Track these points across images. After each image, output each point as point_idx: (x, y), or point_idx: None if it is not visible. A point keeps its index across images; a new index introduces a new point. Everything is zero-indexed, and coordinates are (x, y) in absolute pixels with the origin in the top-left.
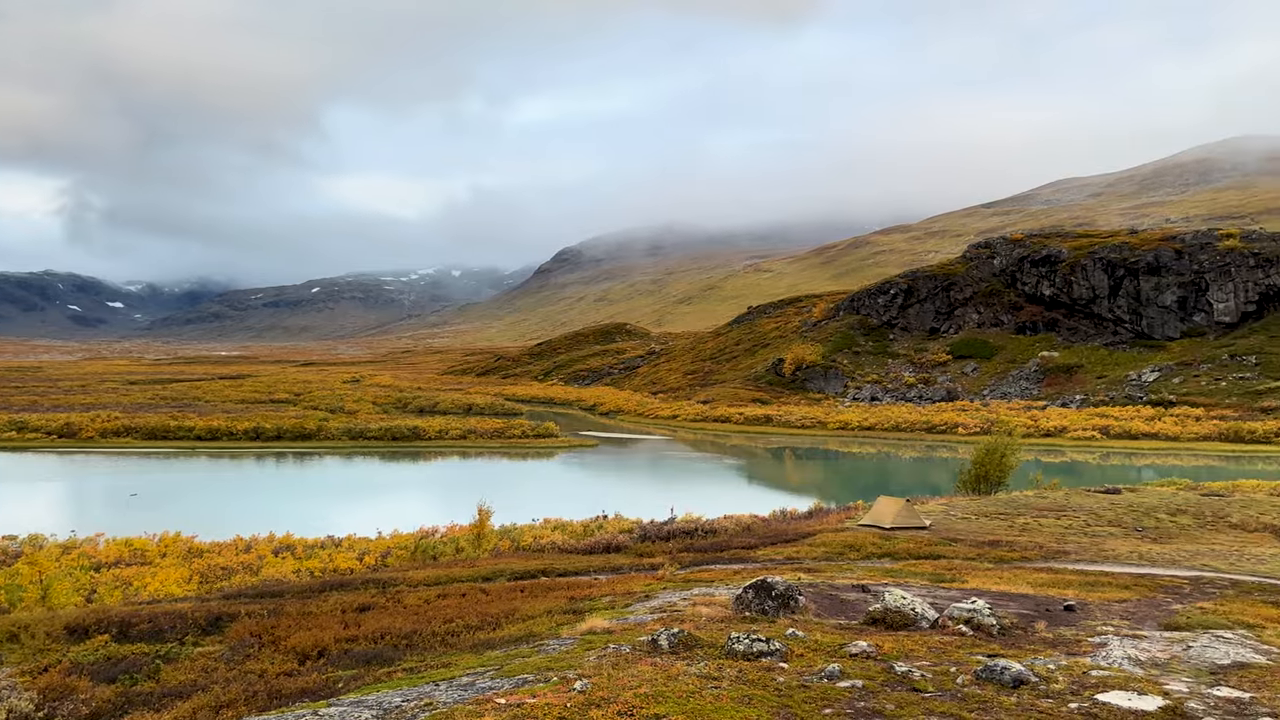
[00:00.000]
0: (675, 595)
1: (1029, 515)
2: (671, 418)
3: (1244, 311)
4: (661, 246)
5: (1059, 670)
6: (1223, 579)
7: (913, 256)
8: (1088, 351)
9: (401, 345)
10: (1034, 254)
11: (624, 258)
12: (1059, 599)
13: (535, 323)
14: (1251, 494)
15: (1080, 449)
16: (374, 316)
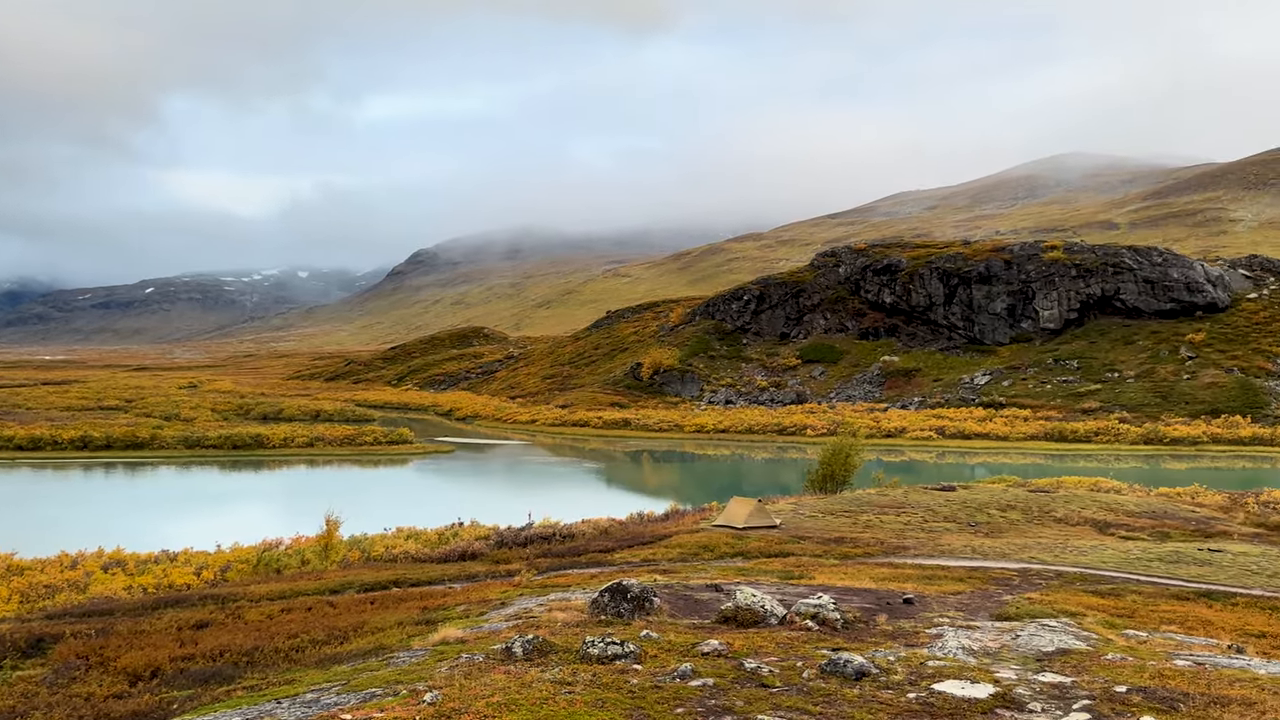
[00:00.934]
0: (532, 601)
1: (871, 512)
2: (530, 422)
3: (1067, 319)
4: (520, 250)
5: (898, 662)
6: (1048, 570)
7: (765, 264)
8: (925, 356)
9: (244, 349)
10: (876, 263)
11: (481, 260)
12: (899, 592)
13: (388, 326)
14: (1074, 490)
15: (919, 448)
16: (213, 319)
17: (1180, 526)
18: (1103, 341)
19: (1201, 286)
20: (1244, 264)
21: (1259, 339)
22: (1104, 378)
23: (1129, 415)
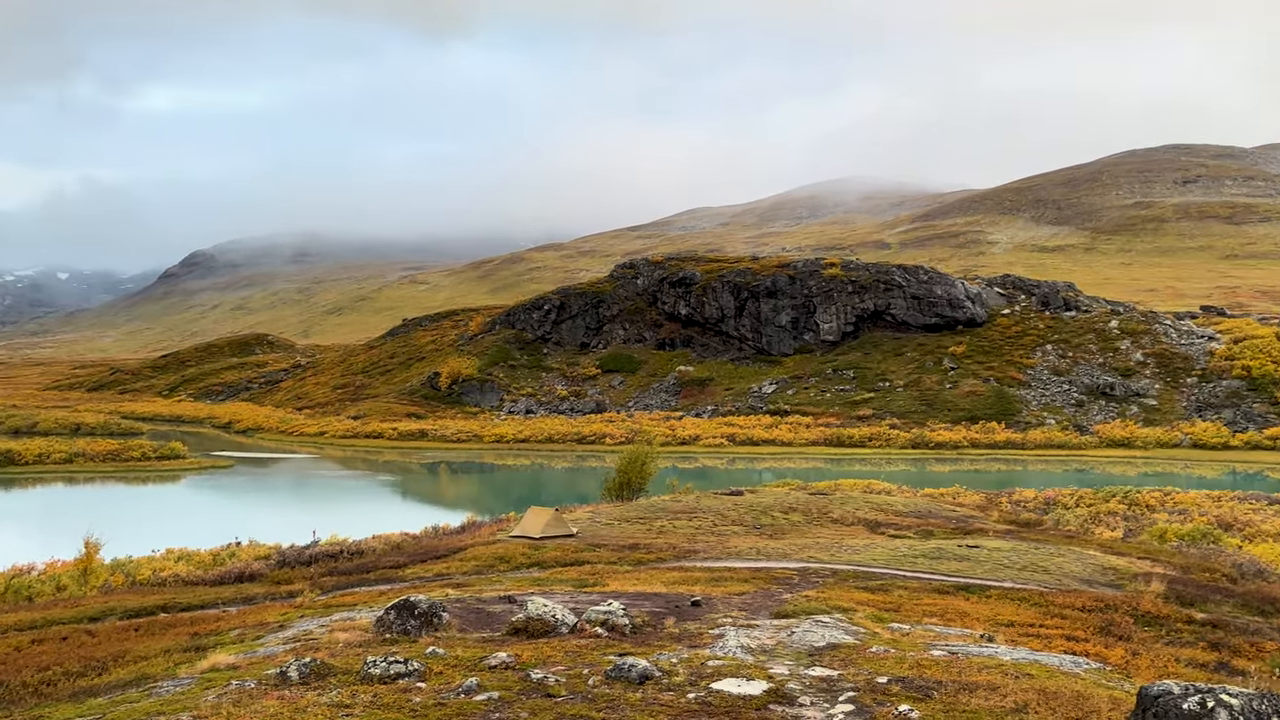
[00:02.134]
0: (313, 623)
1: (665, 518)
2: (319, 435)
3: (844, 331)
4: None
5: (681, 664)
6: (825, 569)
7: (565, 274)
8: (718, 366)
9: None
10: (672, 275)
11: (266, 263)
12: (688, 595)
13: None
14: (849, 492)
15: (711, 455)
16: None
17: (943, 525)
18: (876, 353)
19: (962, 303)
20: (999, 282)
21: (1011, 351)
22: (877, 387)
23: (899, 422)
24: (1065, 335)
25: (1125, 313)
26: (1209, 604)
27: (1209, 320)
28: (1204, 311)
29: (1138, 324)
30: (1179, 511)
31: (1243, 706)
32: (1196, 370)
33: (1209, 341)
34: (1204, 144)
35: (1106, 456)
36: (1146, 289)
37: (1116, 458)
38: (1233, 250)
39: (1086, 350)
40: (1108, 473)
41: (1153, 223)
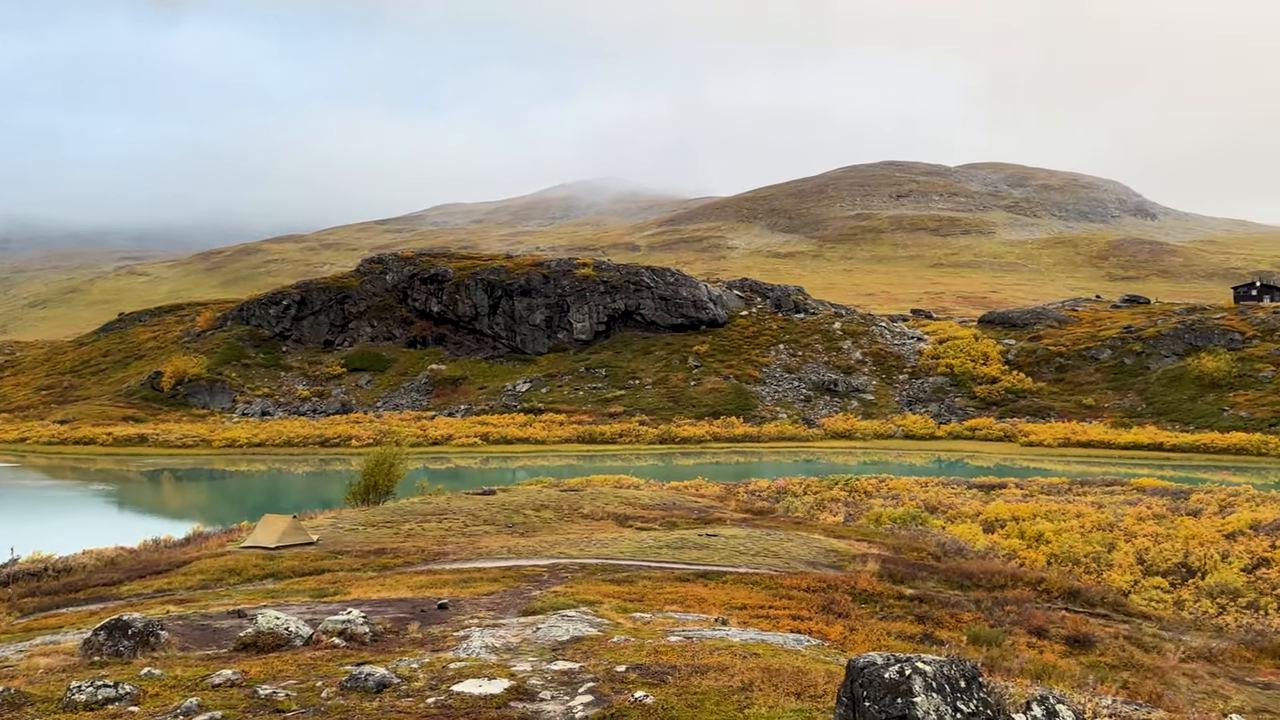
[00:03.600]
0: (9, 649)
1: (414, 521)
2: (19, 441)
3: (596, 330)
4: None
5: (421, 668)
6: (574, 564)
7: (307, 267)
8: (471, 364)
9: None
10: (423, 272)
11: None
12: (435, 599)
13: None
14: (600, 488)
15: (464, 455)
16: None
17: (686, 516)
18: (626, 352)
19: (705, 304)
20: (738, 285)
21: (749, 350)
22: (627, 384)
23: (648, 418)
24: (795, 335)
25: (847, 315)
26: (917, 581)
27: (918, 323)
28: (914, 315)
29: (858, 326)
30: (892, 497)
31: (935, 673)
32: (908, 368)
33: (918, 342)
34: (915, 162)
35: (831, 447)
36: (866, 293)
37: (840, 448)
38: (939, 259)
39: (814, 349)
40: (832, 462)
41: (871, 233)
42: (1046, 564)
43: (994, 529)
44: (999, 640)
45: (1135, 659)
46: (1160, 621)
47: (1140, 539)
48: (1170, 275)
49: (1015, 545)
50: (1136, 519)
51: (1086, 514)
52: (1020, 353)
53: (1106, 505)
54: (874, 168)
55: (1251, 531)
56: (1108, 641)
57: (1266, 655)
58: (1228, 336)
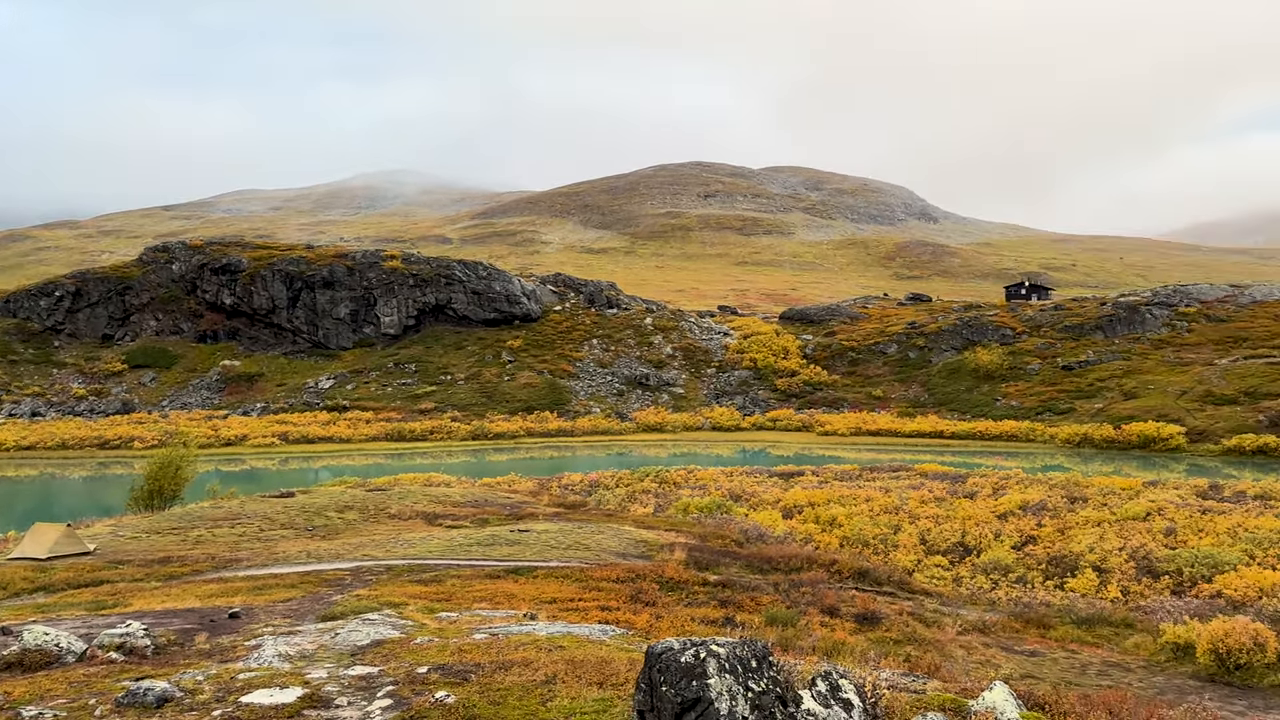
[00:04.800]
0: None
1: (204, 527)
2: None
3: (406, 325)
4: None
5: (207, 680)
6: (380, 566)
7: (84, 256)
8: (269, 360)
9: None
10: (215, 262)
11: None
12: (226, 608)
13: None
14: (409, 486)
15: (261, 456)
16: None
17: (498, 512)
18: (437, 347)
19: (519, 299)
20: (552, 281)
21: (563, 345)
22: (439, 380)
23: (460, 414)
24: (609, 331)
25: (658, 311)
26: (721, 567)
27: (724, 318)
28: (720, 311)
29: (668, 321)
30: (700, 487)
31: (728, 654)
32: (715, 362)
33: (724, 337)
34: (721, 163)
35: (643, 440)
36: (676, 290)
37: (651, 441)
38: (744, 258)
39: (626, 344)
40: (644, 455)
41: (681, 231)
42: (839, 546)
43: (792, 515)
44: (794, 620)
45: (917, 633)
46: (940, 598)
47: (923, 521)
48: (950, 275)
49: (811, 530)
50: (920, 502)
51: (875, 498)
52: (817, 347)
53: (893, 490)
54: (683, 167)
55: (1021, 511)
56: (893, 618)
57: (1032, 625)
58: (1000, 332)
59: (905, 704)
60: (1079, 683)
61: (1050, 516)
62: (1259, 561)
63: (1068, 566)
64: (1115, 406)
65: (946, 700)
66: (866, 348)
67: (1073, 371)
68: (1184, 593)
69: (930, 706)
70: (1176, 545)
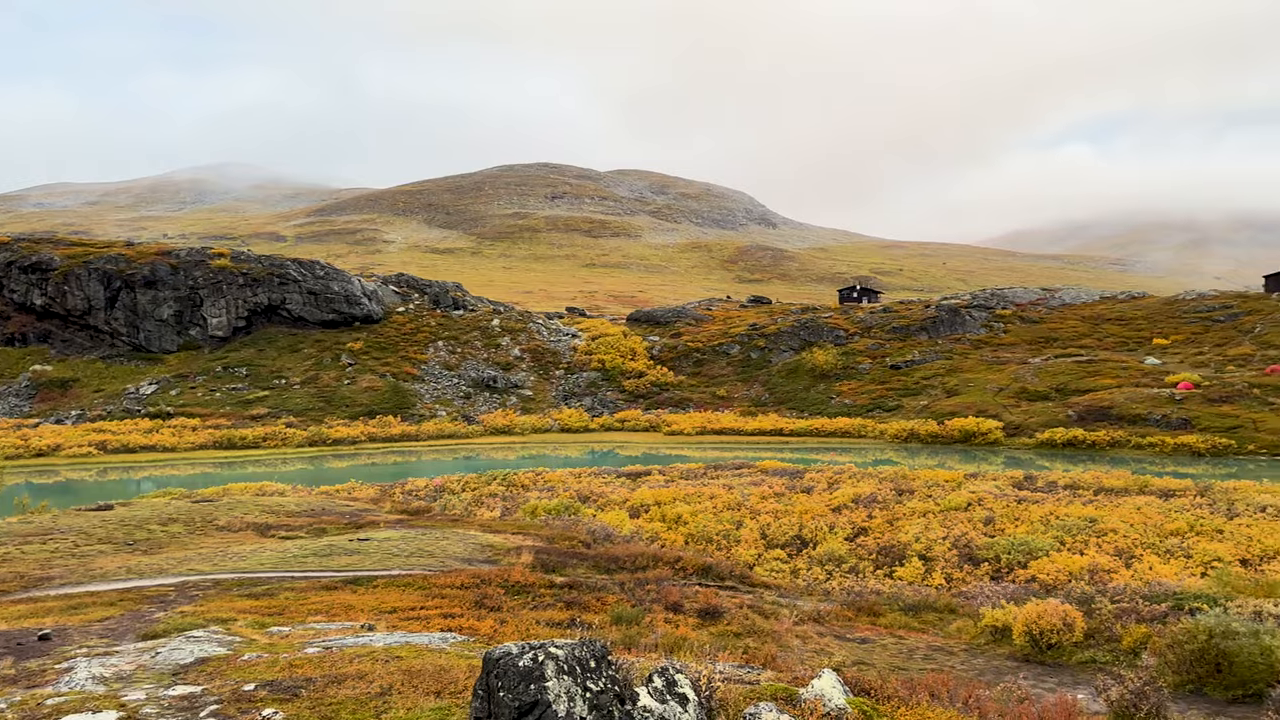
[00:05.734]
0: None
1: (12, 544)
2: None
3: (235, 326)
4: None
5: (11, 709)
6: (207, 580)
7: None
8: (85, 365)
9: None
10: (23, 259)
11: None
12: (36, 629)
13: None
14: (239, 496)
15: (77, 466)
16: None
17: (336, 521)
18: (271, 349)
19: (359, 300)
20: (394, 281)
21: (406, 347)
22: (273, 384)
23: (296, 420)
24: (455, 332)
25: (505, 312)
26: (568, 568)
27: (573, 320)
28: (569, 312)
29: (516, 323)
30: (548, 489)
31: (566, 656)
32: (563, 364)
33: (573, 339)
34: (569, 164)
35: (491, 443)
36: (524, 291)
37: (499, 444)
38: (592, 260)
39: (473, 346)
40: (492, 458)
41: (529, 232)
42: (684, 544)
43: (639, 514)
44: (639, 618)
45: (757, 625)
46: (779, 590)
47: (764, 516)
48: (789, 278)
49: (658, 528)
50: (760, 498)
51: (719, 495)
52: (664, 348)
53: (736, 486)
54: (530, 168)
55: (853, 504)
56: (734, 611)
57: (864, 613)
58: (834, 333)
59: (739, 695)
60: (905, 667)
61: (880, 508)
62: (1068, 547)
63: (896, 556)
64: (939, 403)
65: (779, 690)
66: (711, 349)
67: (900, 370)
68: (1002, 578)
69: (763, 696)
70: (995, 533)
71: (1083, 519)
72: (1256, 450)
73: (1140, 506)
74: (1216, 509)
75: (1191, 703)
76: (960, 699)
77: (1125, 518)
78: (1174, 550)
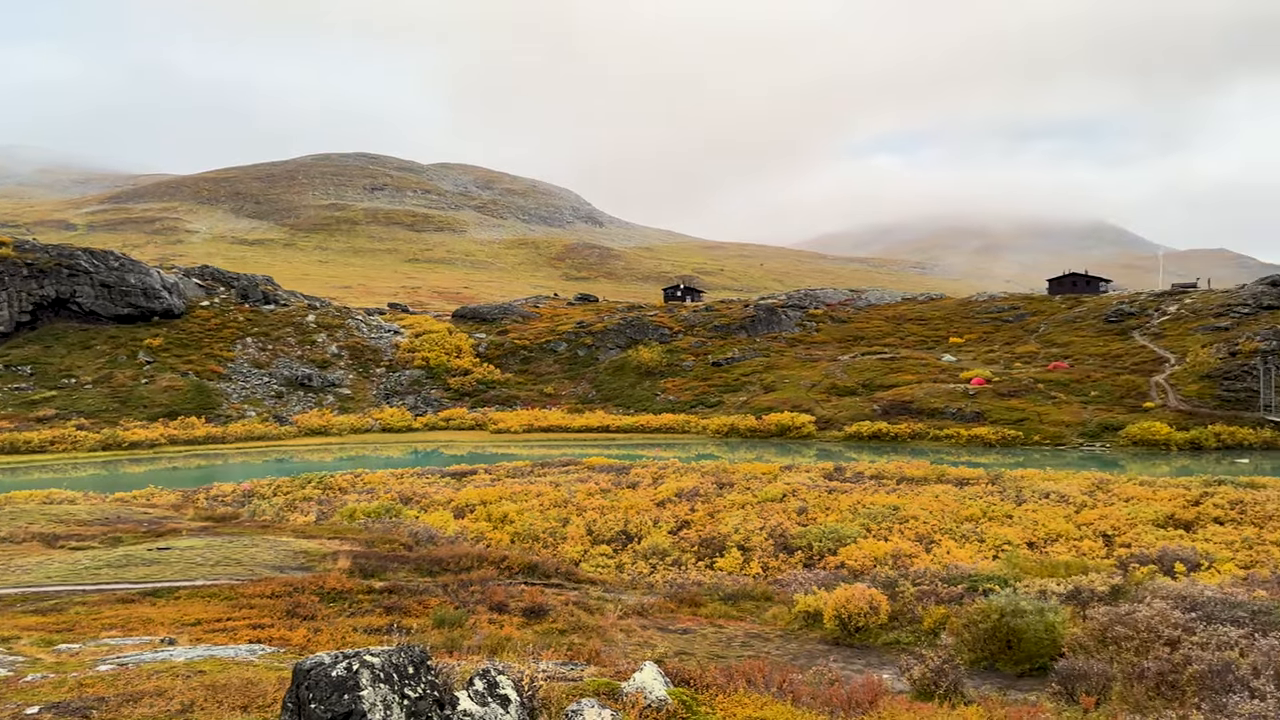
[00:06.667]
0: None
1: None
2: None
3: (19, 321)
4: None
5: None
6: None
7: None
8: None
9: None
10: None
11: None
12: None
13: None
14: (23, 505)
15: None
16: None
17: (133, 529)
18: (59, 346)
19: (159, 293)
20: (198, 273)
21: (212, 344)
22: (61, 384)
23: (88, 422)
24: (265, 328)
25: (322, 308)
26: (388, 573)
27: (395, 316)
28: (391, 308)
29: (334, 319)
30: (368, 491)
31: (383, 663)
32: (385, 361)
33: (395, 335)
34: (390, 156)
35: (306, 445)
36: (342, 286)
37: (316, 445)
38: (415, 254)
39: (286, 343)
40: (307, 460)
41: (347, 224)
42: (511, 543)
43: (464, 514)
44: (462, 620)
45: (582, 621)
46: (605, 585)
47: (590, 512)
48: (615, 277)
49: (484, 528)
50: (587, 494)
51: (546, 493)
52: (490, 346)
53: (563, 484)
54: (348, 158)
55: (677, 498)
56: (560, 609)
57: (686, 605)
58: (660, 331)
59: (562, 693)
60: (725, 655)
61: (702, 502)
62: (874, 534)
63: (717, 547)
64: (758, 399)
65: (601, 685)
66: (538, 346)
67: (721, 367)
68: (814, 565)
69: (586, 693)
70: (808, 523)
71: (887, 507)
72: (1041, 441)
73: (938, 494)
74: (1006, 496)
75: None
76: (775, 684)
77: (925, 505)
78: (969, 535)
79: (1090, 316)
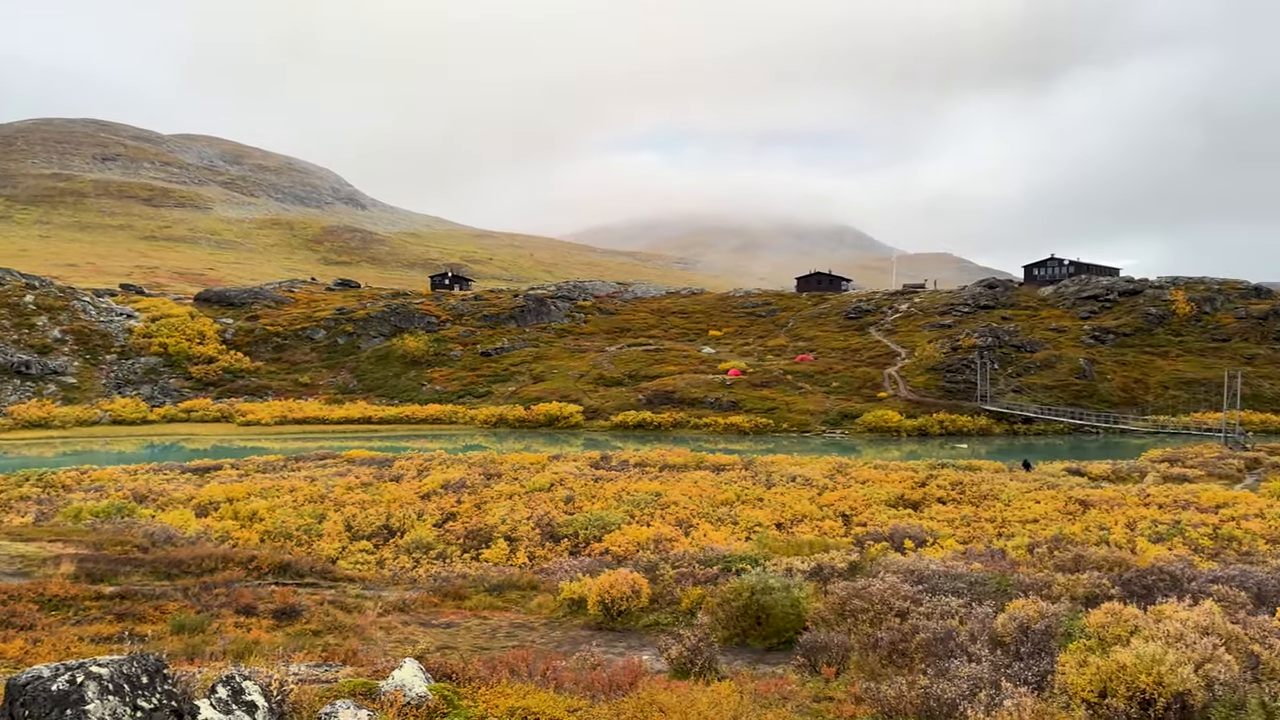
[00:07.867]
0: None
1: None
2: None
3: None
4: None
5: None
6: None
7: None
8: None
9: None
10: None
11: None
12: None
13: None
14: None
15: None
16: None
17: None
18: None
19: None
20: None
21: None
22: None
23: None
24: None
25: (43, 287)
26: (120, 576)
27: (129, 298)
28: (124, 290)
29: (56, 300)
30: (96, 489)
31: (112, 674)
32: (116, 347)
33: (129, 319)
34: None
35: (22, 438)
36: (67, 264)
37: (34, 439)
38: (152, 231)
39: (1, 326)
40: (24, 455)
41: (73, 196)
42: (260, 542)
43: (208, 512)
44: (204, 626)
45: (338, 621)
46: (364, 582)
47: (349, 507)
48: (379, 262)
49: (230, 527)
50: (346, 489)
51: (300, 488)
52: (238, 332)
53: (319, 478)
54: (74, 124)
55: (443, 490)
56: (314, 609)
57: (450, 598)
58: (426, 320)
59: (315, 695)
60: (489, 647)
61: (470, 493)
62: (638, 520)
63: (484, 538)
64: (527, 389)
65: (358, 685)
66: (293, 333)
67: (490, 357)
68: (580, 553)
69: (340, 694)
70: (574, 511)
71: (650, 493)
72: (789, 429)
73: (697, 480)
74: (758, 480)
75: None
76: (539, 672)
77: (685, 491)
78: (724, 518)
79: (833, 313)
